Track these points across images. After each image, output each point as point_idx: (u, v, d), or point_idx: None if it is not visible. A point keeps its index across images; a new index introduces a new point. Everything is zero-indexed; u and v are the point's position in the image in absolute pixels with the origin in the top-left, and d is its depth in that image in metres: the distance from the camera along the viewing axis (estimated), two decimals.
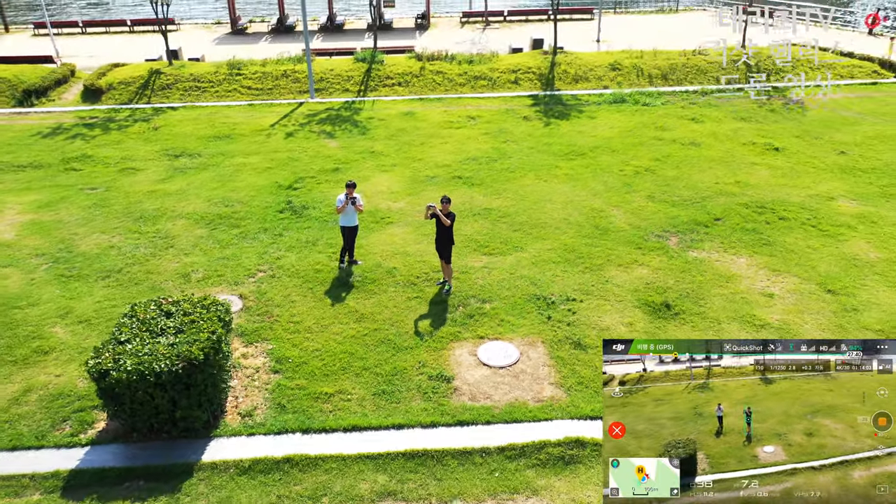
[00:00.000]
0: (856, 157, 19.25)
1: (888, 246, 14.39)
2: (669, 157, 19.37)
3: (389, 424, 9.73)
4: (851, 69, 27.98)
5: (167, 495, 8.61)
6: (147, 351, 9.14)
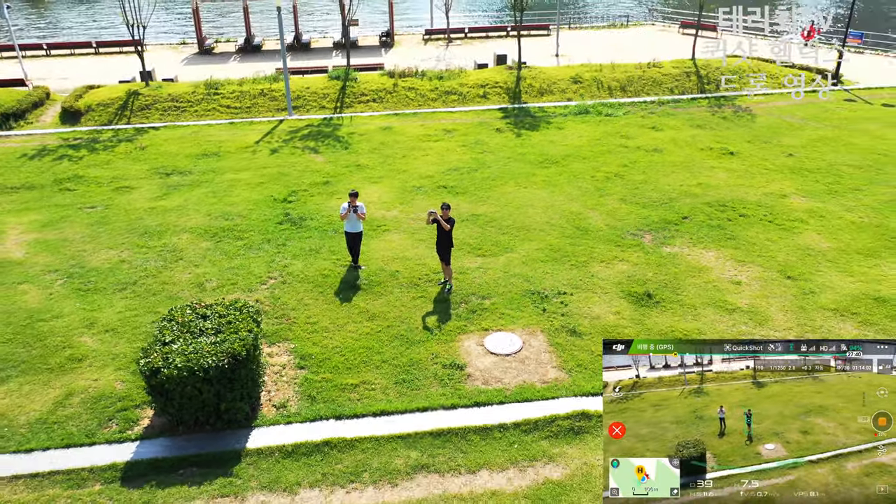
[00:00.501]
0: (802, 159, 21.11)
1: (836, 237, 16.08)
2: (636, 162, 20.90)
3: (414, 408, 10.74)
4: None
5: (221, 479, 9.44)
6: (192, 349, 9.97)
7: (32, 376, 11.49)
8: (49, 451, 9.94)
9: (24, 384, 11.30)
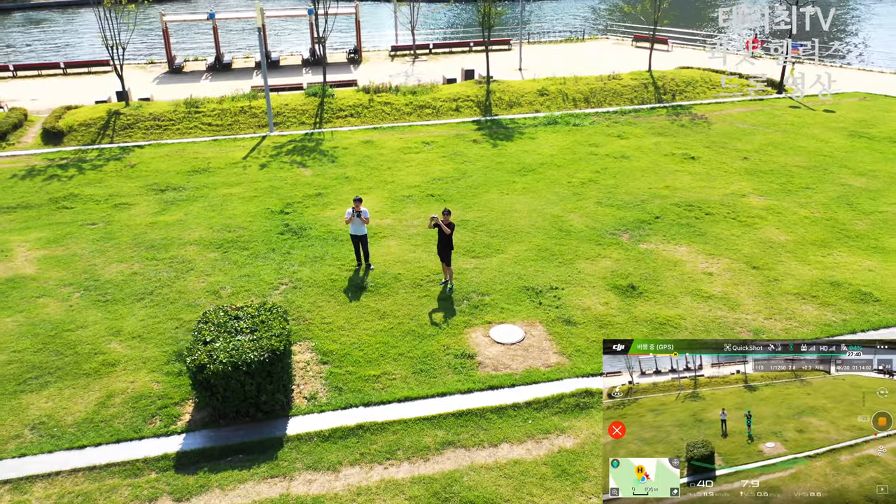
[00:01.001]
0: (757, 162, 22.97)
1: (793, 230, 17.80)
2: (606, 169, 22.43)
3: (434, 393, 11.82)
4: (742, 87, 32.40)
5: (267, 463, 10.35)
6: (233, 346, 10.87)
7: (70, 381, 12.17)
8: (101, 447, 10.69)
9: (64, 388, 11.98)
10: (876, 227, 18.01)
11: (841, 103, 30.32)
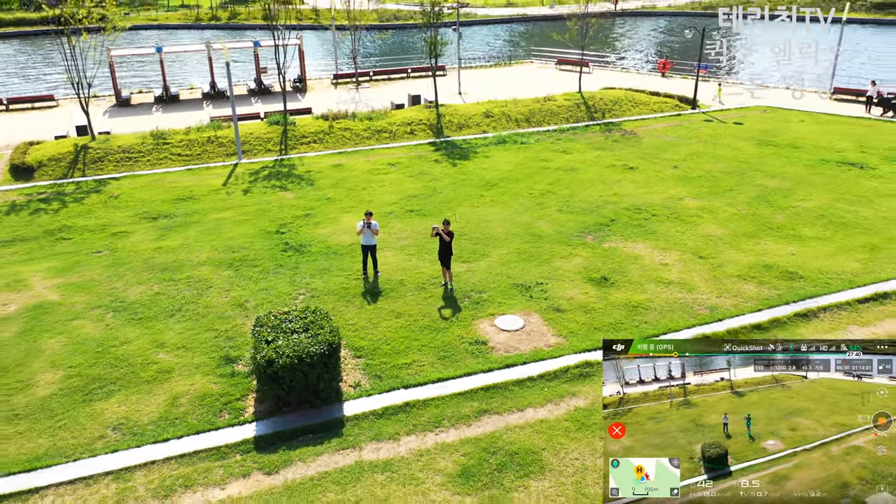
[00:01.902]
0: (685, 169, 26.31)
1: (726, 226, 20.95)
2: (559, 181, 25.17)
3: (461, 374, 13.88)
4: (661, 105, 36.21)
5: (336, 438, 12.11)
6: (294, 343, 12.59)
7: (133, 388, 13.48)
8: (183, 439, 12.14)
9: (130, 395, 13.29)
10: (791, 219, 21.43)
11: (747, 116, 34.53)
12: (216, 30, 76.54)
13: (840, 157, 27.60)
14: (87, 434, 12.27)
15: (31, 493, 11.00)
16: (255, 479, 11.23)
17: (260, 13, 78.83)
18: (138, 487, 11.08)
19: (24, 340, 15.11)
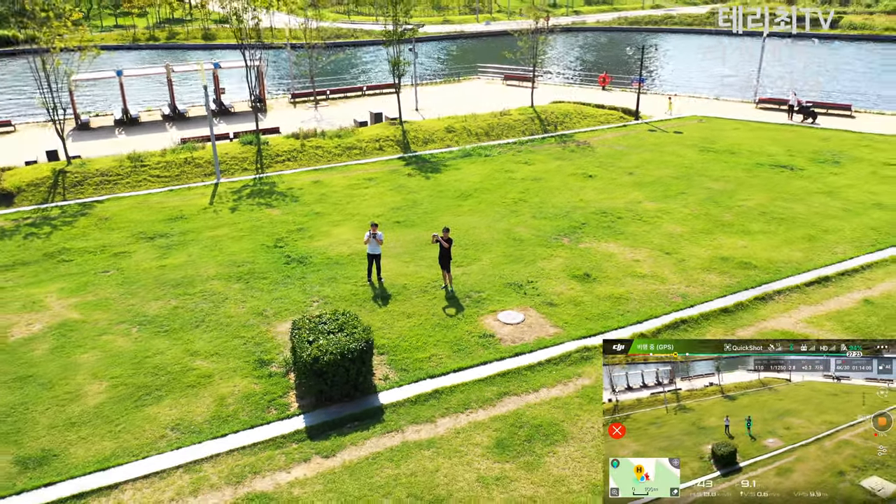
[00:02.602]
0: (639, 176, 28.84)
1: (683, 224, 23.40)
2: (528, 189, 27.22)
3: (477, 363, 15.55)
4: (607, 116, 38.95)
5: (380, 424, 13.57)
6: (334, 342, 13.98)
7: (179, 393, 14.55)
8: (239, 433, 13.34)
9: (178, 399, 14.35)
10: (739, 216, 24.09)
11: (685, 125, 37.65)
12: (155, 50, 75.97)
13: (772, 161, 30.75)
14: (147, 435, 13.31)
15: (110, 489, 12.02)
16: (316, 463, 12.58)
17: (199, 32, 78.93)
18: (210, 476, 12.26)
19: (59, 356, 15.89)
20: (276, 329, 16.98)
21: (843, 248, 21.32)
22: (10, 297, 18.83)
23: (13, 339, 16.70)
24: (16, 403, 14.23)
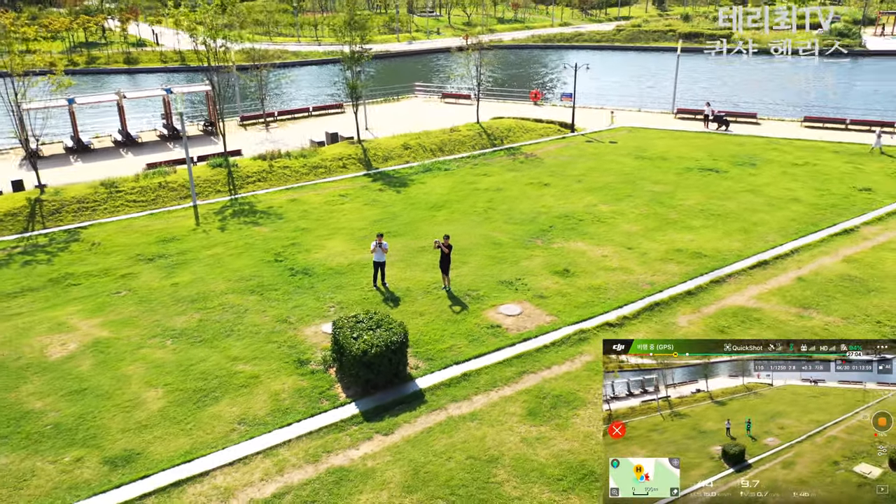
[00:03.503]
0: (588, 182, 31.96)
1: (637, 223, 26.53)
2: (493, 199, 29.76)
3: (492, 349, 17.78)
4: (546, 130, 42.20)
5: (424, 404, 15.57)
6: (377, 336, 15.88)
7: (234, 393, 16.02)
8: (302, 422, 15.02)
9: (235, 398, 15.83)
10: (682, 214, 27.48)
11: (617, 136, 41.40)
12: (75, 75, 74.06)
13: (699, 165, 34.66)
14: (218, 430, 14.78)
15: (202, 476, 13.48)
16: (378, 440, 14.46)
17: (121, 57, 77.68)
18: (289, 458, 13.91)
19: (106, 370, 16.98)
20: (303, 333, 18.63)
21: (773, 237, 24.97)
22: (33, 320, 19.55)
23: (53, 357, 17.60)
24: (82, 413, 15.33)
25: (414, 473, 13.41)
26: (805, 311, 19.55)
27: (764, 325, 18.85)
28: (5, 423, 15.04)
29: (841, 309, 19.56)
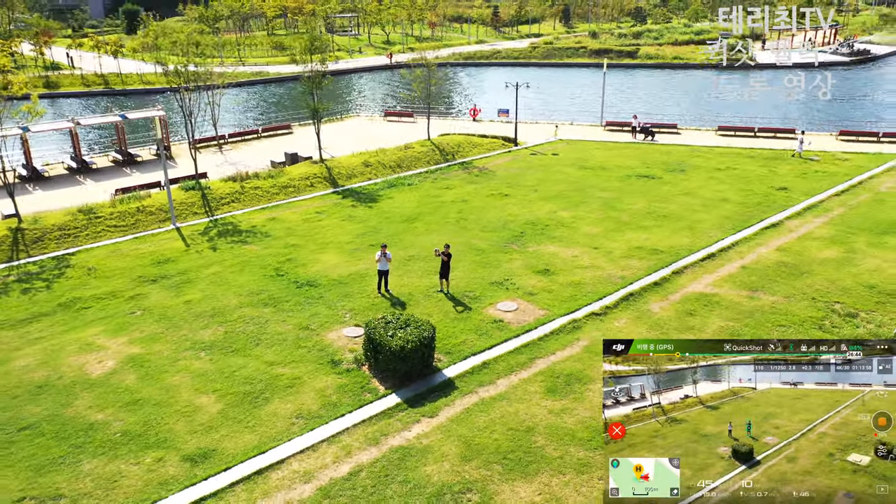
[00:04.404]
0: (543, 192, 34.94)
1: (597, 226, 29.63)
2: (462, 210, 32.19)
3: (500, 341, 20.14)
4: (492, 144, 45.12)
5: (457, 390, 17.73)
6: (409, 334, 17.91)
7: (282, 393, 17.63)
8: (354, 412, 16.86)
9: (284, 398, 17.45)
10: (632, 217, 30.83)
11: (557, 148, 44.85)
12: None
13: (636, 172, 38.43)
14: (279, 425, 16.40)
15: (279, 464, 15.11)
16: (426, 422, 16.50)
17: (40, 81, 75.33)
18: (352, 443, 15.75)
19: (152, 382, 18.17)
20: (327, 338, 20.37)
21: (714, 233, 28.63)
22: (60, 342, 20.33)
23: (95, 374, 18.59)
24: (146, 420, 16.56)
25: (466, 446, 15.56)
26: (754, 293, 23.02)
27: (723, 306, 22.12)
28: (75, 434, 16.10)
29: (782, 290, 23.15)
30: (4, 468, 15.05)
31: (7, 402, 17.44)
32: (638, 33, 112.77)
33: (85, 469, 14.97)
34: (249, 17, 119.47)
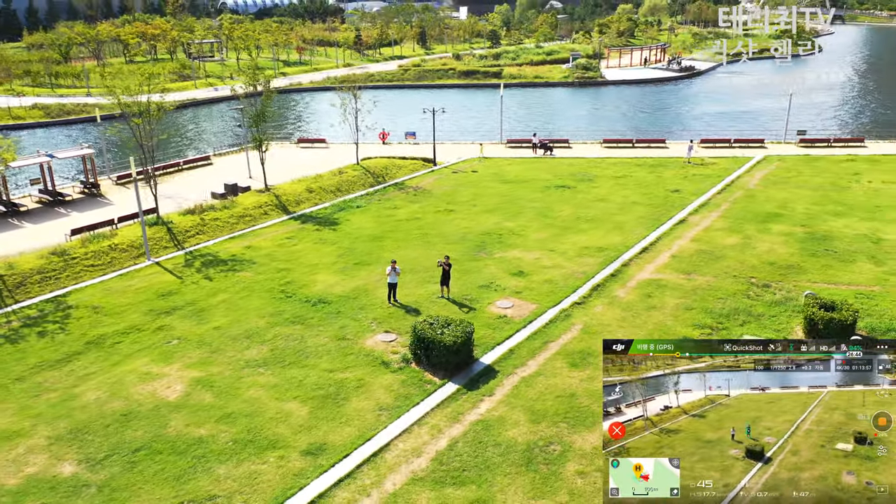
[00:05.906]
0: (481, 206, 39.21)
1: (542, 231, 34.32)
2: (420, 227, 35.65)
3: (513, 332, 24.05)
4: (414, 165, 48.81)
5: (501, 373, 21.39)
6: (455, 332, 21.32)
7: (355, 393, 20.36)
8: (425, 400, 20.00)
9: (359, 397, 20.20)
10: (567, 222, 35.93)
11: (474, 165, 49.48)
12: None
13: (552, 183, 43.87)
14: (368, 418, 19.21)
15: (386, 447, 18.02)
16: (488, 400, 20.05)
17: None
18: (438, 423, 18.95)
19: (231, 398, 20.15)
20: (366, 344, 23.19)
21: (639, 231, 34.34)
22: (115, 375, 21.50)
23: (172, 398, 20.21)
24: (248, 429, 18.69)
25: (531, 413, 19.32)
26: (689, 276, 28.65)
27: (671, 288, 27.47)
28: (189, 448, 17.94)
29: (709, 271, 28.99)
30: (144, 483, 16.71)
31: (103, 430, 18.75)
32: (497, 55, 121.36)
33: (220, 473, 17.00)
34: (103, 44, 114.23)
